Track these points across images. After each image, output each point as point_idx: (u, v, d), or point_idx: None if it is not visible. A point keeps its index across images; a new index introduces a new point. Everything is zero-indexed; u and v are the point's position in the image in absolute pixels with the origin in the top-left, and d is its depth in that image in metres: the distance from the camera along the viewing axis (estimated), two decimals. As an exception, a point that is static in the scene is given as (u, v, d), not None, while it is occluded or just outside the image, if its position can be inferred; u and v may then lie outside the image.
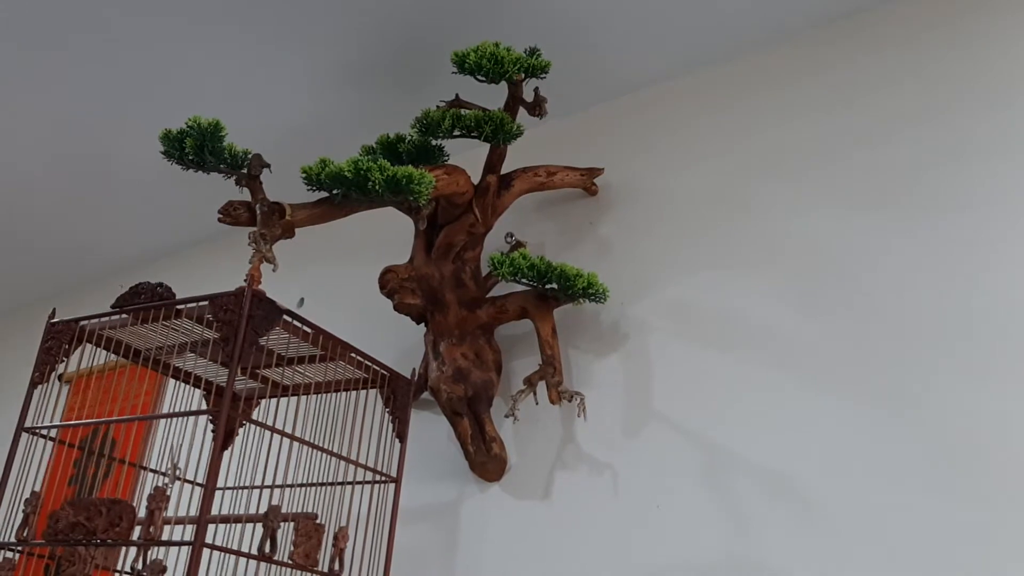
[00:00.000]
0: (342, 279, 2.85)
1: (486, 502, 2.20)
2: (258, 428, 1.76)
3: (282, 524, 1.65)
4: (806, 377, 1.87)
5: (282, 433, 1.72)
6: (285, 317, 1.66)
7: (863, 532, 1.68)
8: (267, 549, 1.55)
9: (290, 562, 1.60)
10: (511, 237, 2.40)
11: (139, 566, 1.58)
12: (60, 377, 3.13)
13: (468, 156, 2.32)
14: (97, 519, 1.51)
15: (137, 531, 1.50)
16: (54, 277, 3.62)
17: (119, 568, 1.69)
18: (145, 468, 2.28)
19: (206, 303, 1.62)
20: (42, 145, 2.85)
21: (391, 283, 2.25)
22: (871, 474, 1.72)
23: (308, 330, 1.73)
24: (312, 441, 1.81)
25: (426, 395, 2.34)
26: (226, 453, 2.09)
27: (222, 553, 1.79)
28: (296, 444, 1.78)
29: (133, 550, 1.77)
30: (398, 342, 2.52)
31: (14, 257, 3.46)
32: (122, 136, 2.79)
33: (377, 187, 1.80)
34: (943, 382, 1.71)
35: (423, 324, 2.31)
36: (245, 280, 1.63)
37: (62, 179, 3.02)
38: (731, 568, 1.80)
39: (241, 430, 2.14)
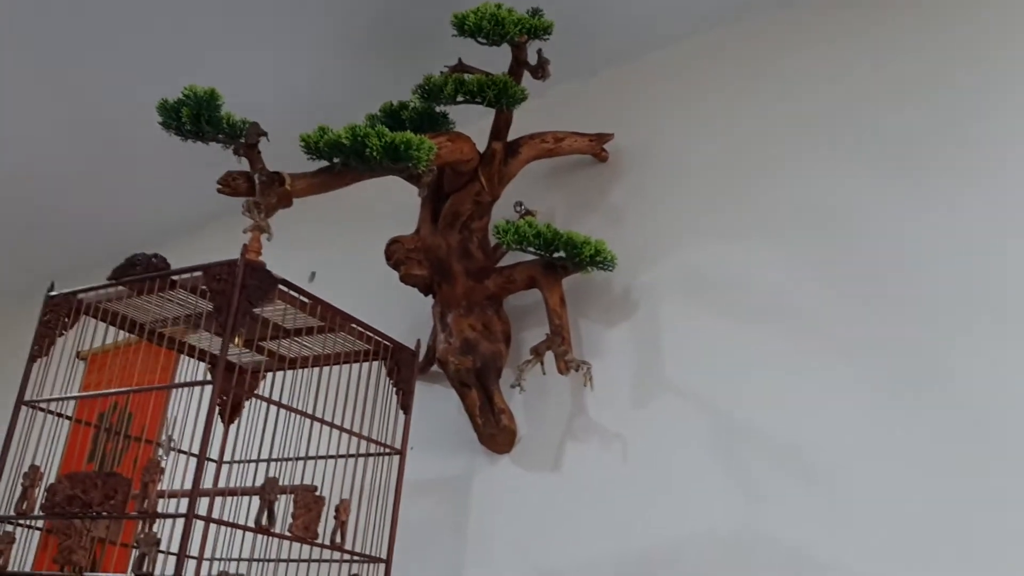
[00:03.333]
0: (353, 253, 2.80)
1: (496, 474, 2.16)
2: (264, 403, 1.74)
3: (281, 497, 1.63)
4: (822, 347, 1.80)
5: (286, 407, 1.69)
6: (281, 287, 1.63)
7: (879, 507, 1.62)
8: (264, 521, 1.52)
9: (289, 534, 1.57)
10: (520, 206, 2.34)
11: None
12: (78, 354, 3.13)
13: (475, 128, 2.25)
14: (92, 492, 1.50)
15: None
16: (70, 257, 3.62)
17: (127, 542, 1.68)
18: (160, 444, 2.27)
19: (200, 273, 1.59)
20: (52, 126, 2.83)
21: (397, 254, 2.22)
22: (888, 448, 1.66)
23: (305, 300, 1.70)
24: (316, 414, 1.78)
25: (435, 368, 2.31)
26: (232, 428, 2.09)
27: (222, 527, 1.77)
28: (300, 418, 1.76)
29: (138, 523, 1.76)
30: (409, 315, 2.48)
31: (30, 235, 3.47)
32: (132, 112, 2.76)
33: (375, 154, 1.76)
34: (965, 354, 1.64)
35: (431, 296, 2.28)
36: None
37: (74, 158, 3.01)
38: (743, 541, 1.75)
39: (247, 404, 2.12)
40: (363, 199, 2.87)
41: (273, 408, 1.73)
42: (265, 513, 1.53)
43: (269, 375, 2.10)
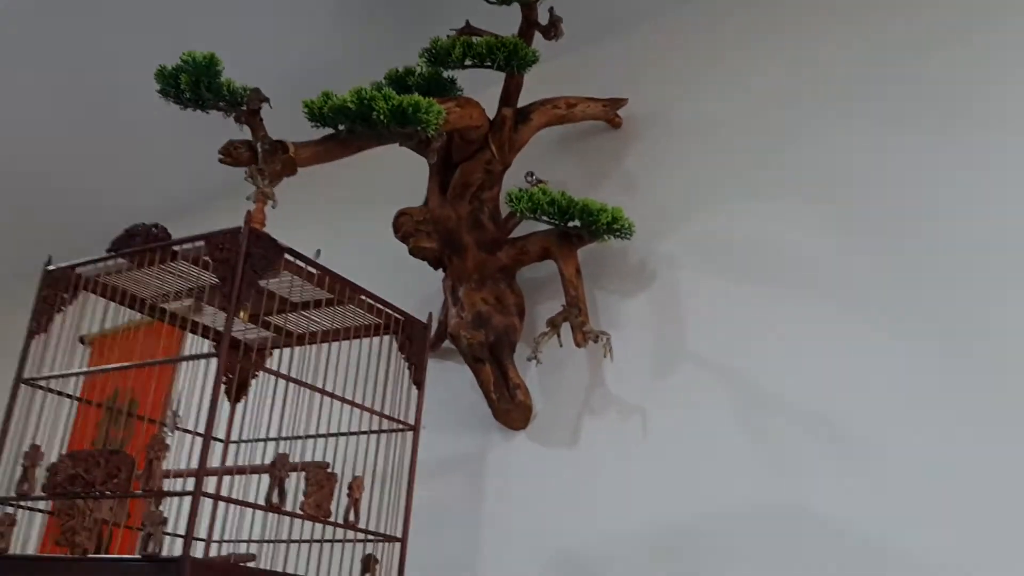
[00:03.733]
0: (361, 229, 2.73)
1: (511, 451, 2.10)
2: (274, 380, 1.68)
3: (292, 475, 1.56)
4: (845, 307, 1.73)
5: (296, 381, 1.63)
6: (288, 257, 1.56)
7: (910, 470, 1.56)
8: (275, 499, 1.46)
9: (301, 512, 1.51)
10: (532, 176, 2.26)
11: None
12: (82, 339, 3.06)
13: (485, 96, 2.17)
14: (95, 470, 1.44)
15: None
16: (73, 237, 3.55)
17: (133, 524, 1.62)
18: (166, 425, 2.21)
19: (202, 243, 1.52)
20: (50, 102, 2.76)
21: (405, 226, 2.15)
22: (916, 407, 1.59)
23: (313, 271, 1.63)
24: (330, 391, 1.72)
25: (447, 344, 2.24)
26: (239, 407, 2.03)
27: (231, 508, 1.71)
28: (311, 395, 1.69)
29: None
30: (420, 291, 2.41)
31: (32, 214, 3.39)
32: (131, 85, 2.68)
33: (382, 117, 1.69)
34: (991, 307, 1.57)
35: (442, 270, 2.21)
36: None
37: (73, 134, 2.94)
38: (769, 512, 1.68)
39: (255, 382, 2.06)
40: (371, 172, 2.80)
41: (282, 386, 1.67)
42: (276, 491, 1.46)
43: (276, 353, 2.04)
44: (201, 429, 1.97)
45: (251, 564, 1.63)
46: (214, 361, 1.44)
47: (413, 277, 2.33)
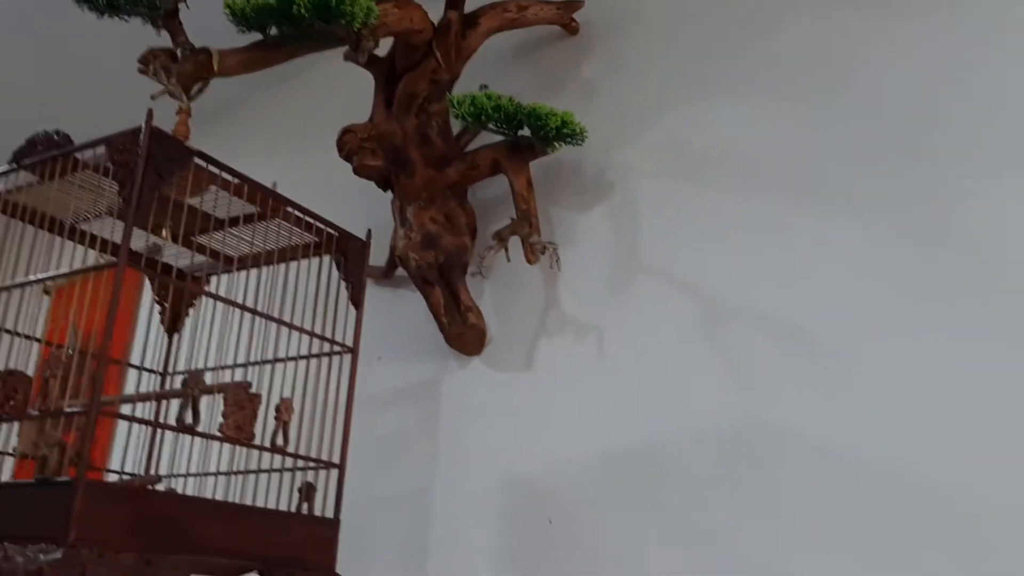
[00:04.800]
0: (319, 157, 2.61)
1: (466, 377, 2.00)
2: (209, 307, 1.57)
3: (211, 397, 1.46)
4: (815, 210, 1.61)
5: (234, 304, 1.51)
6: (198, 161, 1.44)
7: (885, 381, 1.45)
8: (188, 420, 1.35)
9: (219, 434, 1.41)
10: (486, 88, 2.13)
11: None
12: (45, 290, 2.95)
13: (437, 7, 2.02)
14: (-7, 394, 1.33)
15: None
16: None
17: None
18: (131, 365, 2.10)
19: (104, 149, 1.40)
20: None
21: (349, 144, 2.02)
22: (892, 316, 1.47)
23: (230, 178, 1.50)
24: (263, 312, 1.60)
25: (401, 272, 2.13)
26: (175, 338, 1.92)
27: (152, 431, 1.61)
28: (248, 320, 1.58)
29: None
30: (379, 220, 2.29)
31: None
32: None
33: (303, 11, 1.55)
34: (974, 205, 1.45)
35: (391, 191, 2.08)
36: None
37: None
38: (735, 430, 1.58)
39: (191, 311, 1.95)
40: (324, 96, 2.67)
41: (217, 314, 1.56)
42: (189, 412, 1.35)
43: (213, 280, 1.93)
44: (143, 362, 1.88)
45: (159, 488, 1.53)
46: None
47: (371, 207, 2.20)
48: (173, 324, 1.91)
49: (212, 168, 1.46)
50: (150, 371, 1.86)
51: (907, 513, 1.37)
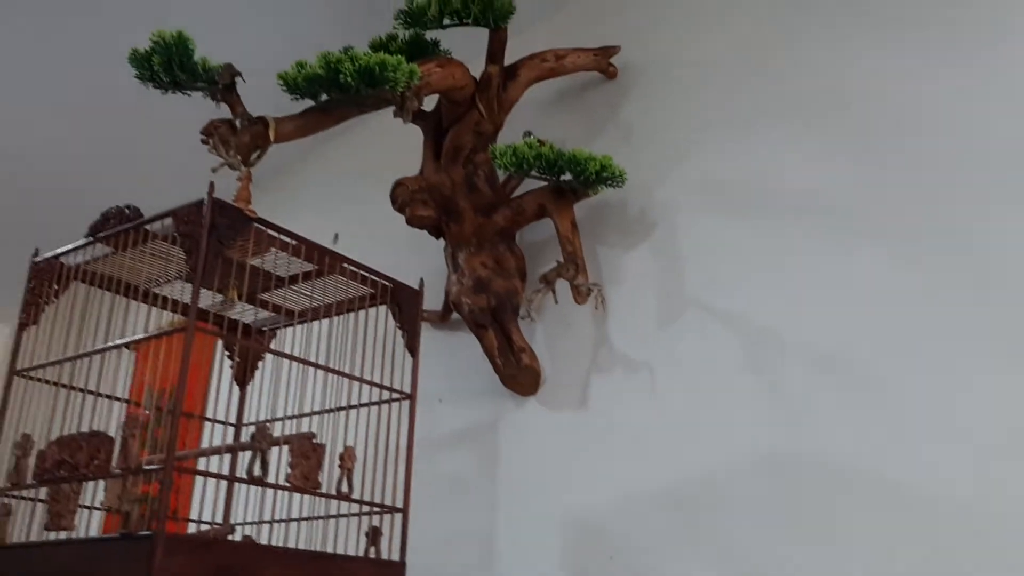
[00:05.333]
0: (373, 212, 2.71)
1: (523, 418, 2.05)
2: (277, 360, 1.66)
3: (279, 448, 1.54)
4: (851, 240, 1.63)
5: (300, 360, 1.60)
6: (258, 227, 1.53)
7: (926, 408, 1.45)
8: (257, 472, 1.43)
9: (287, 485, 1.48)
10: (529, 135, 2.20)
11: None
12: (127, 346, 3.11)
13: (480, 63, 2.10)
14: (79, 454, 1.43)
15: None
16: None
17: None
18: (206, 419, 2.21)
19: (171, 220, 1.50)
20: (39, 100, 2.79)
21: (401, 196, 2.10)
22: (930, 341, 1.48)
23: (288, 240, 1.60)
24: (324, 364, 1.69)
25: (456, 316, 2.20)
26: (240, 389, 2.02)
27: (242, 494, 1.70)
28: (310, 371, 1.67)
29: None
30: (436, 269, 2.36)
31: (32, 214, 3.39)
32: (118, 81, 2.70)
33: (350, 79, 1.64)
34: (1009, 231, 1.45)
35: (442, 238, 2.16)
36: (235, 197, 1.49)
37: (66, 133, 2.94)
38: (787, 460, 1.59)
39: (261, 364, 2.05)
40: (384, 160, 2.76)
41: (284, 367, 1.65)
42: (257, 463, 1.44)
43: (278, 334, 2.03)
44: (214, 415, 1.98)
45: (235, 537, 1.61)
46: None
47: (428, 254, 2.28)
48: (243, 378, 2.01)
49: (271, 231, 1.56)
50: (224, 423, 1.96)
51: (960, 538, 1.37)
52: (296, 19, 2.45)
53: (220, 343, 2.12)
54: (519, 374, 2.01)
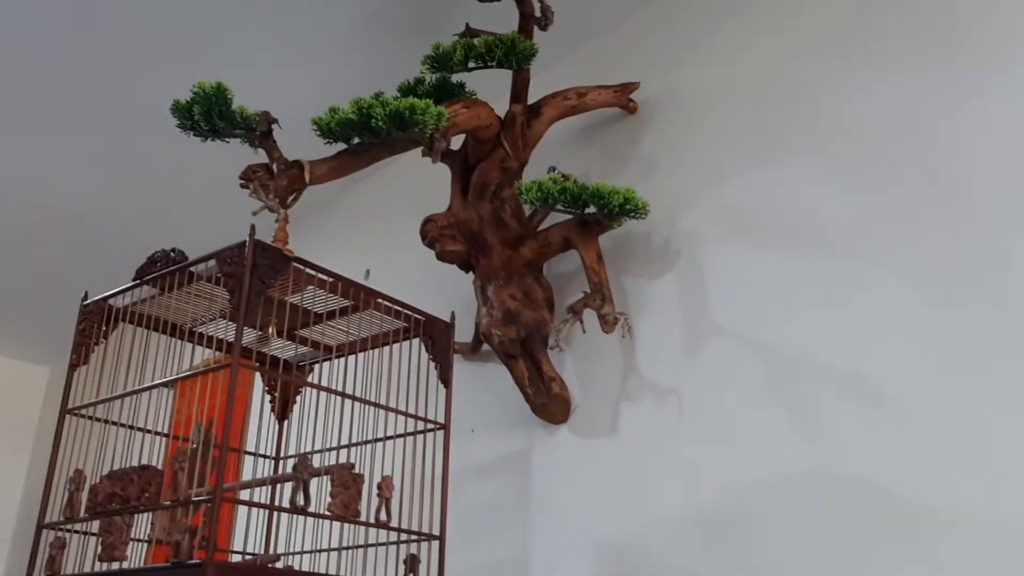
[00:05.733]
0: (406, 248, 2.78)
1: (555, 445, 2.09)
2: (313, 393, 1.73)
3: (319, 478, 1.60)
4: (871, 265, 1.67)
5: (338, 393, 1.67)
6: (296, 266, 1.60)
7: (951, 429, 1.48)
8: (300, 502, 1.49)
9: (328, 514, 1.54)
10: (554, 170, 2.27)
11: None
12: (167, 384, 3.20)
13: (504, 102, 2.18)
14: (130, 487, 1.50)
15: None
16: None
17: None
18: (248, 452, 2.28)
19: (214, 262, 1.58)
20: (86, 148, 2.90)
21: (431, 232, 2.17)
22: (952, 362, 1.51)
23: (325, 277, 1.67)
24: (360, 397, 1.75)
25: (487, 347, 2.25)
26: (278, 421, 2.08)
27: (284, 522, 1.76)
28: (348, 406, 1.73)
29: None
30: (468, 302, 2.43)
31: (77, 254, 3.51)
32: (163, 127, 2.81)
33: (381, 123, 1.72)
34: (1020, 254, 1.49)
35: (472, 272, 2.23)
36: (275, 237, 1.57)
37: (111, 178, 3.05)
38: (809, 481, 1.62)
39: (299, 397, 2.12)
40: (414, 196, 2.85)
41: (322, 400, 1.72)
42: (300, 494, 1.50)
43: (316, 368, 2.09)
44: (258, 448, 2.05)
45: (278, 565, 1.66)
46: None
47: (460, 288, 2.34)
48: (283, 412, 2.08)
49: (309, 270, 1.63)
50: (264, 456, 2.03)
51: (985, 557, 1.39)
52: (330, 67, 2.54)
53: (258, 378, 2.19)
54: (550, 403, 2.06)
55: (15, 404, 4.38)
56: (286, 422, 2.10)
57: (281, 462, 2.05)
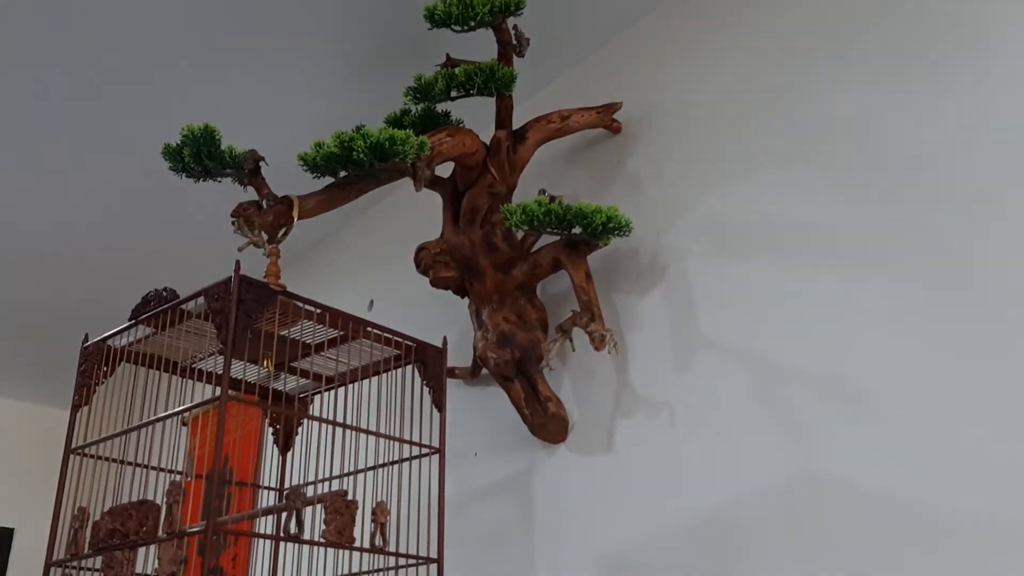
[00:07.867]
0: (401, 276, 2.82)
1: (555, 464, 2.11)
2: (313, 428, 1.76)
3: (314, 507, 1.63)
4: (855, 274, 1.68)
5: (338, 424, 1.70)
6: (283, 299, 1.64)
7: (938, 433, 1.48)
8: (293, 530, 1.52)
9: (322, 540, 1.57)
10: (544, 193, 2.30)
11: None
12: (183, 421, 3.27)
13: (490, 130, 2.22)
14: (129, 522, 1.53)
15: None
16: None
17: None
18: (246, 484, 2.32)
19: (202, 299, 1.62)
20: (82, 190, 2.98)
21: (424, 260, 2.21)
22: (937, 368, 1.52)
23: (312, 309, 1.71)
24: (355, 426, 1.78)
25: (485, 371, 2.28)
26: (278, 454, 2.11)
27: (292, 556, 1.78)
28: (343, 435, 1.76)
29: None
30: (464, 327, 2.46)
31: (77, 293, 3.59)
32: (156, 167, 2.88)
33: (363, 155, 1.76)
34: (1001, 258, 1.49)
35: (466, 297, 2.26)
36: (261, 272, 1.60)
37: (108, 219, 3.13)
38: (799, 485, 1.63)
39: (301, 429, 2.15)
40: (415, 229, 2.89)
41: (320, 431, 1.75)
42: (293, 522, 1.52)
43: (315, 399, 2.13)
44: (263, 482, 2.08)
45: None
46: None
47: (451, 310, 2.37)
48: (286, 444, 2.11)
49: (296, 302, 1.67)
50: (268, 488, 2.06)
51: (979, 560, 1.39)
52: (326, 102, 2.60)
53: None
54: (547, 423, 2.08)
55: (40, 447, 4.47)
56: (289, 454, 2.13)
57: (283, 493, 2.08)
